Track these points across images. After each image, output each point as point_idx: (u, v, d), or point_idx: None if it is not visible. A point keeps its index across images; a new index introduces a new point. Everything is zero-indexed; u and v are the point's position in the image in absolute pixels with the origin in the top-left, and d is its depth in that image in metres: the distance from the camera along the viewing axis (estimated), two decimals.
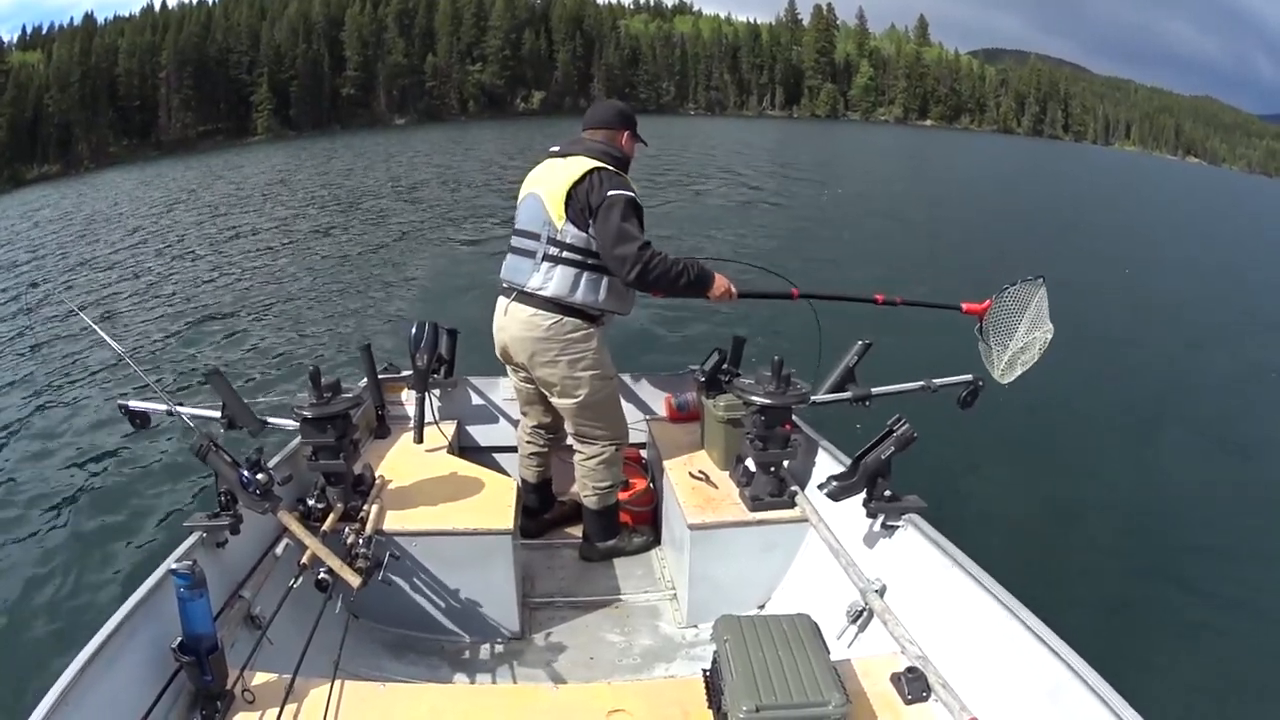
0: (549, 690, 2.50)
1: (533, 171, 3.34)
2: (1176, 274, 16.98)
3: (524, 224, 3.24)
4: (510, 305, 3.24)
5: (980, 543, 2.50)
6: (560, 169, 3.16)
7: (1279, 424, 8.31)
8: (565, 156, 3.21)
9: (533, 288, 3.14)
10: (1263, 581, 5.18)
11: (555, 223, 3.09)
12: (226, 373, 2.88)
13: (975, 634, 2.19)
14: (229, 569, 2.55)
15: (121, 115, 68.41)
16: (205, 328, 10.74)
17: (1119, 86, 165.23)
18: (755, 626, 2.16)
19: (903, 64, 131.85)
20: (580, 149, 3.20)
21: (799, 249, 15.07)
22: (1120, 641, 4.11)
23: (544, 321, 3.15)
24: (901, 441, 2.62)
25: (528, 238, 3.20)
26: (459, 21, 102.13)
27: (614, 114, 3.36)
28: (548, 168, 3.25)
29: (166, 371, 8.71)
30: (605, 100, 3.48)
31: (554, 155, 3.27)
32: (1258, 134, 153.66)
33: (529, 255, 3.17)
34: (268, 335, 10.23)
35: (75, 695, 1.81)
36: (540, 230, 3.14)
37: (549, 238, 3.12)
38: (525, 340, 3.20)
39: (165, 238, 18.55)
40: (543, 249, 3.13)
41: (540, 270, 3.13)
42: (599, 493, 3.52)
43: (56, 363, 9.44)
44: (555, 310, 3.14)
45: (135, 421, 2.81)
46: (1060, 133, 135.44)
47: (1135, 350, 10.44)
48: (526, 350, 3.23)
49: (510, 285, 3.25)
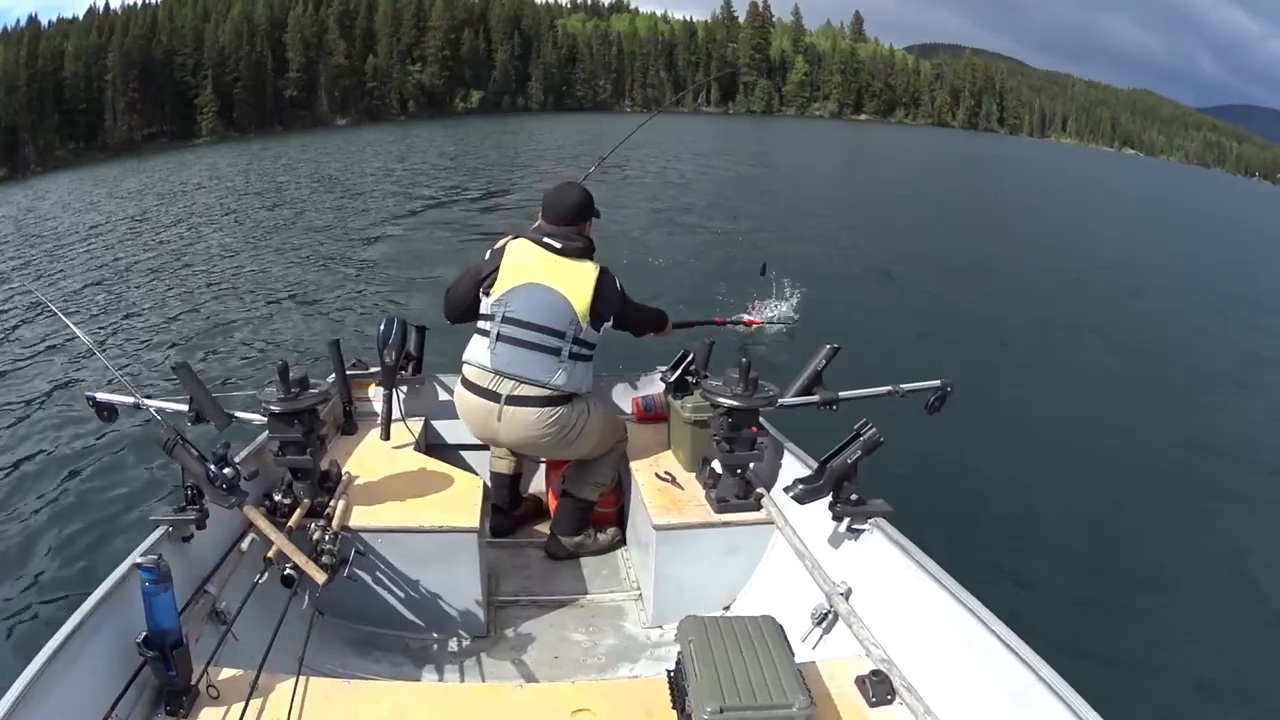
0: (513, 689, 2.49)
1: (521, 256, 3.28)
2: (1124, 268, 17.73)
3: (538, 318, 3.19)
4: (505, 410, 3.21)
5: (946, 547, 2.55)
6: (573, 271, 3.23)
7: (1239, 421, 8.64)
8: (569, 258, 3.26)
9: (559, 385, 3.18)
10: (1226, 583, 5.36)
11: (582, 323, 3.19)
12: (194, 367, 2.85)
13: (940, 637, 2.22)
14: (194, 564, 2.52)
15: (68, 118, 66.96)
16: (173, 323, 10.62)
17: (1057, 81, 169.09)
18: (720, 628, 2.16)
19: (838, 60, 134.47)
20: (576, 251, 3.27)
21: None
22: (1084, 645, 4.22)
23: (550, 416, 3.21)
24: (868, 445, 2.64)
25: (547, 334, 3.18)
26: (399, 22, 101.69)
27: (578, 207, 3.36)
28: (553, 263, 3.24)
29: (134, 365, 8.61)
30: (569, 192, 3.41)
31: (550, 249, 3.26)
32: (1195, 126, 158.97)
33: (550, 352, 3.18)
34: (236, 330, 10.15)
35: (39, 690, 1.79)
36: (566, 329, 3.18)
37: (575, 337, 3.19)
38: (532, 438, 3.28)
39: (129, 237, 18.24)
40: (568, 348, 3.18)
41: (565, 367, 3.19)
42: (594, 484, 3.58)
43: (20, 353, 9.32)
44: (560, 404, 3.22)
45: (102, 414, 2.79)
46: (995, 126, 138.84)
47: (1094, 353, 10.69)
48: (533, 445, 3.38)
49: (513, 378, 3.19)
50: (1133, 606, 4.98)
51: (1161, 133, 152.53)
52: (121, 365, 8.22)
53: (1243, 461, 7.55)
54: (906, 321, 10.99)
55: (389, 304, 11.08)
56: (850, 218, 21.57)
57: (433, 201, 21.97)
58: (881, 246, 17.12)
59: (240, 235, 17.92)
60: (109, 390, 2.82)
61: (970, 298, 13.23)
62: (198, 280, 13.27)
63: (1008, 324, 11.81)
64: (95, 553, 5.00)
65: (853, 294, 12.47)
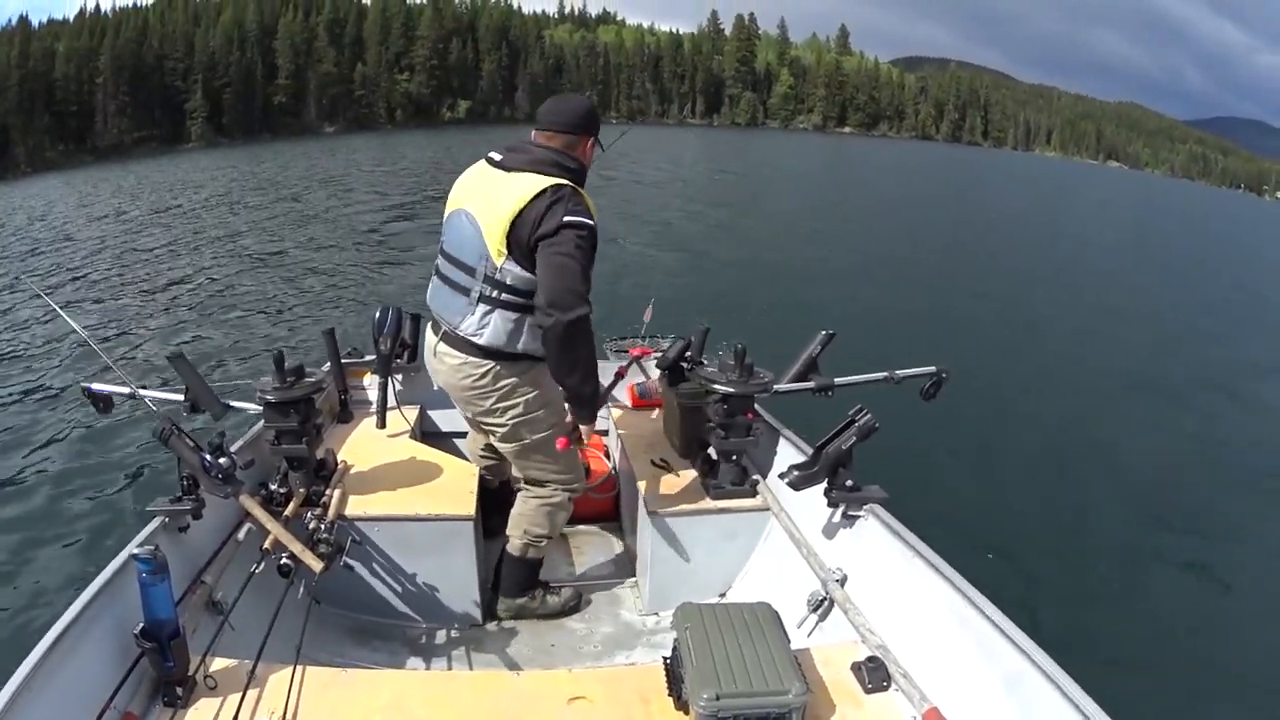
0: (510, 677, 2.49)
1: (464, 178, 2.81)
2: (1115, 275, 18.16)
3: (454, 250, 2.73)
4: (439, 346, 2.82)
5: (941, 533, 2.55)
6: (501, 186, 2.60)
7: (1234, 416, 8.75)
8: (509, 171, 2.63)
9: (465, 332, 2.68)
10: (1222, 571, 5.42)
11: (493, 258, 2.57)
12: (190, 356, 2.84)
13: (935, 624, 2.23)
14: (191, 554, 2.52)
15: (58, 120, 66.91)
16: (169, 313, 10.68)
17: (1043, 94, 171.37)
18: (716, 615, 2.17)
19: (822, 72, 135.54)
20: (527, 161, 2.62)
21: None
22: (1078, 631, 4.25)
23: (476, 371, 2.73)
24: (863, 431, 2.65)
25: (459, 269, 2.69)
26: (388, 31, 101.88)
27: (579, 115, 2.74)
28: (484, 178, 2.69)
29: (129, 355, 8.61)
30: (569, 96, 2.83)
31: (493, 164, 2.70)
32: (1181, 139, 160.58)
33: (461, 291, 2.68)
34: (231, 320, 10.19)
35: (37, 682, 1.78)
36: (475, 264, 2.62)
37: (486, 275, 2.61)
38: (457, 388, 2.84)
39: (125, 234, 18.25)
40: (479, 288, 2.63)
41: (475, 313, 2.65)
42: (528, 540, 3.03)
43: (16, 344, 9.31)
44: (486, 357, 2.70)
45: (98, 404, 2.78)
46: (979, 139, 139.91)
47: (1091, 345, 10.86)
48: (461, 398, 2.89)
49: (438, 317, 2.83)
50: (1127, 593, 5.03)
51: (1147, 145, 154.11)
52: (116, 356, 8.19)
53: (1232, 449, 7.70)
54: (897, 326, 11.02)
55: (383, 290, 11.18)
56: (815, 228, 21.72)
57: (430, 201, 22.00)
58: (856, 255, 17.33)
59: (235, 228, 18.11)
60: (104, 381, 2.81)
61: (957, 298, 13.41)
62: (194, 271, 13.39)
63: (1003, 319, 12.00)
64: (92, 543, 5.00)
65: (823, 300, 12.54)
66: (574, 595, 3.24)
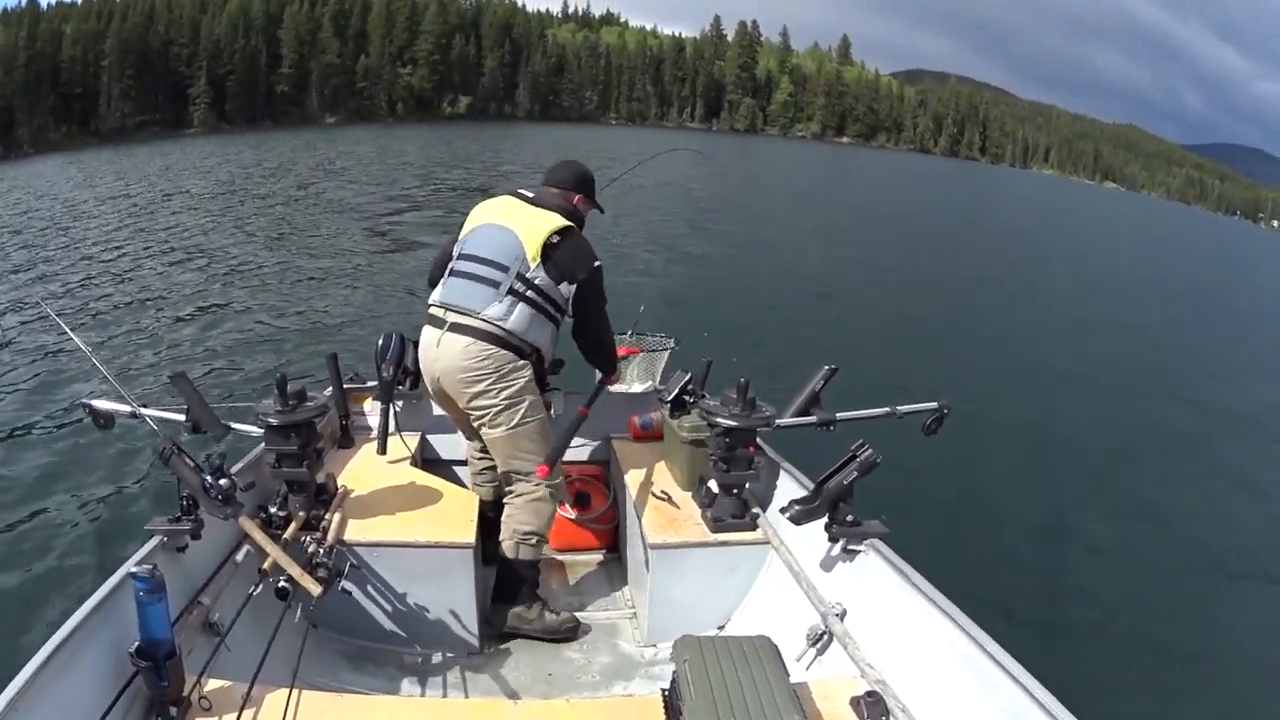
0: (507, 706, 2.48)
1: (491, 203, 3.32)
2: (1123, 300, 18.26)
3: (486, 253, 3.13)
4: (444, 336, 3.09)
5: (941, 569, 2.53)
6: (536, 215, 3.17)
7: (1234, 450, 8.75)
8: (539, 206, 3.21)
9: (490, 316, 3.03)
10: (1228, 614, 5.41)
11: (529, 260, 3.06)
12: (191, 377, 2.83)
13: (935, 659, 2.22)
14: (189, 574, 2.51)
15: (63, 102, 67.49)
16: (171, 331, 10.50)
17: (1042, 112, 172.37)
18: (715, 647, 2.17)
19: (822, 82, 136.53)
20: (553, 203, 3.23)
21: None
22: (1080, 668, 4.21)
23: (481, 351, 3.03)
24: (865, 466, 2.65)
25: (491, 266, 3.09)
26: (392, 24, 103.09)
27: (574, 176, 3.41)
28: (517, 207, 3.23)
29: (131, 373, 8.49)
30: (570, 161, 3.52)
31: (522, 198, 3.27)
32: (1178, 162, 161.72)
33: (490, 284, 3.07)
34: (234, 341, 10.06)
35: (30, 698, 1.77)
36: (510, 264, 3.07)
37: (519, 273, 3.06)
38: (458, 369, 3.06)
39: (128, 235, 17.92)
40: (510, 281, 3.06)
41: (503, 301, 3.04)
42: (517, 538, 3.19)
43: (16, 358, 9.16)
44: (493, 343, 3.04)
45: (99, 421, 2.79)
46: (977, 154, 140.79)
47: (1094, 380, 10.81)
48: (460, 378, 3.09)
49: (454, 309, 3.09)
50: (1129, 630, 5.02)
51: (1144, 167, 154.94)
52: (117, 372, 8.14)
53: (1236, 484, 7.67)
54: (897, 351, 11.02)
55: (388, 316, 11.01)
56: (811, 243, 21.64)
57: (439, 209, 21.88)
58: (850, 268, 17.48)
59: (236, 226, 18.04)
60: (106, 398, 2.81)
61: (959, 327, 13.40)
62: (195, 278, 13.28)
63: (1006, 351, 11.98)
64: (89, 561, 4.95)
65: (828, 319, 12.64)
66: (572, 620, 3.29)
